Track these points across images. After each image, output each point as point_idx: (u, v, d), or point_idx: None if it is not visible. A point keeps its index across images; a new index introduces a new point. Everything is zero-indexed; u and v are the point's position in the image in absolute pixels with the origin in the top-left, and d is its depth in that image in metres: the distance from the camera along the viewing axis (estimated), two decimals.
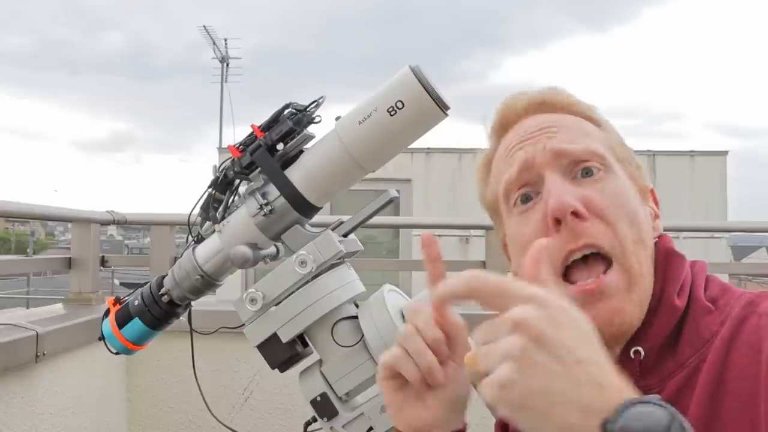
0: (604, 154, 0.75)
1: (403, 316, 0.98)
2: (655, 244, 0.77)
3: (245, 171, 1.02)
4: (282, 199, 1.00)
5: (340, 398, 1.01)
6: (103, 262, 2.64)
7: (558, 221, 0.70)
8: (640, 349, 0.71)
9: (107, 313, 1.12)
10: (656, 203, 0.81)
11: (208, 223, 1.07)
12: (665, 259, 0.75)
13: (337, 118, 0.99)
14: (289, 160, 1.02)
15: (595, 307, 0.69)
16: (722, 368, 0.66)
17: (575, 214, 0.69)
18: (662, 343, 0.71)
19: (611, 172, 0.74)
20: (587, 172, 0.73)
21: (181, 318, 1.13)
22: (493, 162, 0.83)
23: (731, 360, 0.66)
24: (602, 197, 0.72)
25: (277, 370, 1.04)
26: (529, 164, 0.75)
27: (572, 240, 0.70)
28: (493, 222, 0.86)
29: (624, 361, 0.72)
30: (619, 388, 0.51)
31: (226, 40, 12.80)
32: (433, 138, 0.96)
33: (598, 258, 0.71)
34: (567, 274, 0.73)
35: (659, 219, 0.80)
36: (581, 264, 0.72)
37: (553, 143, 0.75)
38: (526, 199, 0.76)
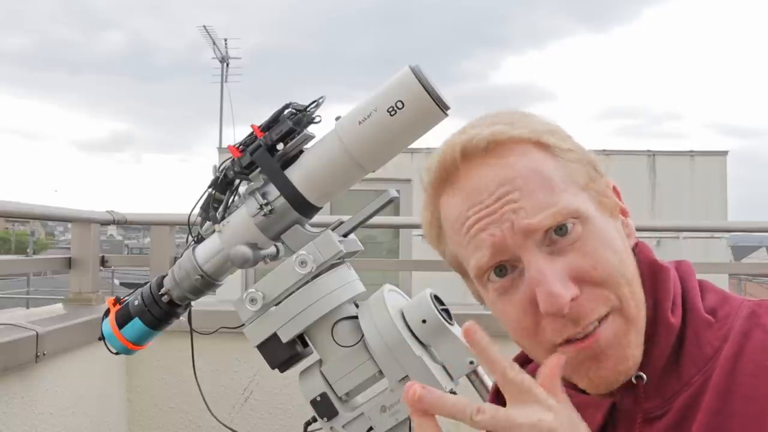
0: (577, 207, 0.68)
1: (403, 316, 0.99)
2: (635, 254, 0.73)
3: (245, 171, 1.02)
4: (282, 199, 1.00)
5: (340, 398, 1.01)
6: (103, 262, 2.64)
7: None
8: (642, 375, 0.69)
9: (107, 313, 1.12)
10: (619, 197, 0.75)
11: (208, 223, 1.07)
12: (651, 273, 0.72)
13: (337, 118, 0.99)
14: (289, 160, 1.02)
15: (597, 365, 0.67)
16: (728, 388, 0.65)
17: (571, 299, 0.65)
18: (663, 364, 0.69)
19: (586, 221, 0.68)
20: (562, 230, 0.67)
21: (181, 318, 1.13)
22: (443, 223, 0.76)
23: (737, 379, 0.65)
24: (586, 260, 0.67)
25: (277, 370, 1.04)
26: (500, 247, 0.68)
27: (572, 326, 0.66)
28: (460, 275, 0.80)
29: (626, 387, 0.70)
30: None
31: (226, 40, 12.81)
32: (433, 138, 0.96)
33: (598, 329, 0.68)
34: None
35: (629, 216, 0.76)
36: None
37: (521, 220, 0.67)
38: (500, 272, 0.70)
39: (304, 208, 1.01)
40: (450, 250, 0.76)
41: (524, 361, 0.85)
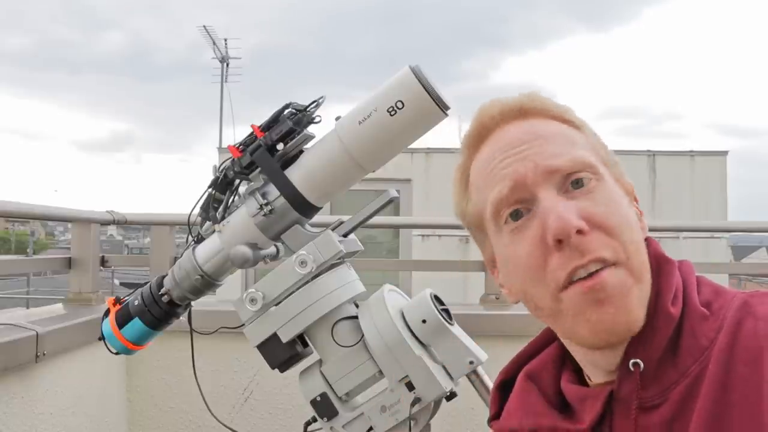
0: (594, 162, 0.74)
1: (403, 317, 0.99)
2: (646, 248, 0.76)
3: (245, 171, 1.02)
4: (282, 199, 1.00)
5: (340, 398, 1.01)
6: (103, 262, 2.64)
7: (560, 241, 0.69)
8: (639, 361, 0.70)
9: (107, 313, 1.12)
10: (636, 200, 0.80)
11: (208, 223, 1.07)
12: (657, 265, 0.74)
13: (337, 118, 0.99)
14: (289, 160, 1.02)
15: (600, 307, 0.68)
16: (725, 378, 0.65)
17: (579, 231, 0.68)
18: (660, 353, 0.70)
19: (602, 179, 0.73)
20: (579, 183, 0.72)
21: (181, 318, 1.13)
22: (472, 175, 0.80)
23: (733, 368, 0.66)
24: (598, 207, 0.71)
25: (277, 370, 1.04)
26: (521, 183, 0.72)
27: (578, 257, 0.68)
28: (475, 237, 0.83)
29: (623, 374, 0.71)
30: None
31: (226, 40, 12.81)
32: (433, 138, 0.96)
33: (603, 272, 0.69)
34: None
35: (643, 215, 0.79)
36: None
37: (543, 160, 0.72)
38: (516, 215, 0.73)
39: (304, 208, 1.01)
40: (473, 201, 0.80)
41: (525, 361, 0.85)
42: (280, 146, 1.00)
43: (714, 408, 0.65)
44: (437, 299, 1.01)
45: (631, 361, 0.70)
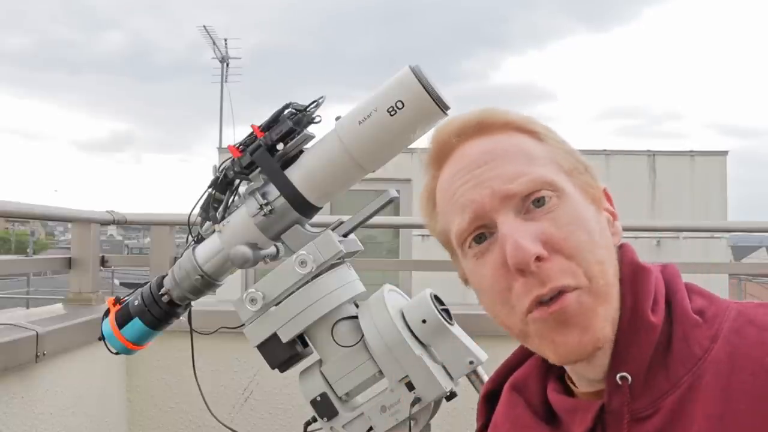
0: (553, 179, 0.72)
1: (403, 317, 0.99)
2: (619, 255, 0.75)
3: (245, 171, 1.02)
4: (282, 199, 1.00)
5: (340, 398, 1.01)
6: (103, 262, 2.64)
7: (521, 269, 0.68)
8: (627, 375, 0.69)
9: (107, 313, 1.12)
10: (610, 202, 0.79)
11: (208, 223, 1.07)
12: (632, 273, 0.73)
13: (337, 118, 0.99)
14: (289, 160, 1.02)
15: (565, 331, 0.68)
16: (727, 390, 0.64)
17: (538, 258, 0.68)
18: (647, 363, 0.69)
19: (563, 196, 0.72)
20: (539, 202, 0.71)
21: (181, 318, 1.13)
22: (437, 197, 0.80)
23: (737, 378, 0.64)
24: (559, 229, 0.69)
25: (277, 370, 1.04)
26: (479, 209, 0.72)
27: (538, 285, 0.68)
28: (448, 253, 0.83)
29: (611, 388, 0.70)
30: None
31: (226, 40, 12.81)
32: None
33: (566, 295, 0.69)
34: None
35: (617, 220, 0.78)
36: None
37: (500, 186, 0.71)
38: (480, 239, 0.73)
39: (304, 208, 1.01)
40: (440, 224, 0.80)
41: (510, 371, 0.84)
42: (280, 146, 1.00)
43: (719, 424, 0.63)
44: (437, 299, 1.01)
45: (619, 375, 0.69)
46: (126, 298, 1.13)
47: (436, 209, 0.80)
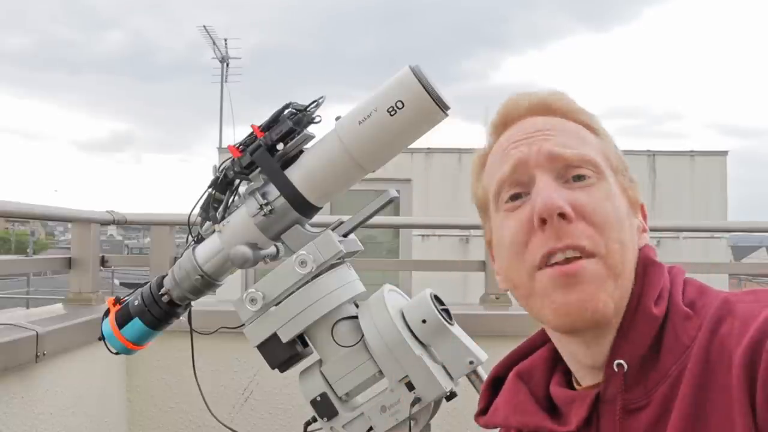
0: (599, 162, 0.75)
1: (403, 317, 0.99)
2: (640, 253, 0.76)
3: (245, 171, 1.02)
4: (282, 199, 1.00)
5: (340, 398, 1.01)
6: (103, 262, 2.64)
7: (544, 221, 0.70)
8: (623, 362, 0.70)
9: (107, 313, 1.12)
10: (645, 218, 0.81)
11: (208, 223, 1.07)
12: (643, 267, 0.74)
13: (337, 118, 0.99)
14: (289, 160, 1.02)
15: (568, 293, 0.69)
16: (703, 377, 0.65)
17: (561, 215, 0.69)
18: (644, 353, 0.70)
19: (603, 180, 0.74)
20: (579, 178, 0.73)
21: (181, 318, 1.13)
22: (488, 159, 0.83)
23: (711, 367, 0.65)
24: (590, 201, 0.72)
25: (277, 370, 1.04)
26: (523, 164, 0.75)
27: (555, 239, 0.69)
28: (481, 220, 0.86)
29: (609, 375, 0.71)
30: None
31: (226, 40, 12.80)
32: (433, 138, 0.96)
33: (581, 261, 0.70)
34: None
35: (647, 233, 0.79)
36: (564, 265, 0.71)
37: (548, 146, 0.75)
38: (515, 198, 0.76)
39: (304, 208, 1.01)
40: (483, 182, 0.82)
41: (518, 360, 0.85)
42: (280, 146, 1.00)
43: (692, 409, 0.64)
44: (437, 299, 1.01)
45: (616, 362, 0.70)
46: (126, 298, 1.13)
47: (483, 173, 0.83)
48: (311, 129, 1.03)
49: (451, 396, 0.97)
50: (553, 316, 0.71)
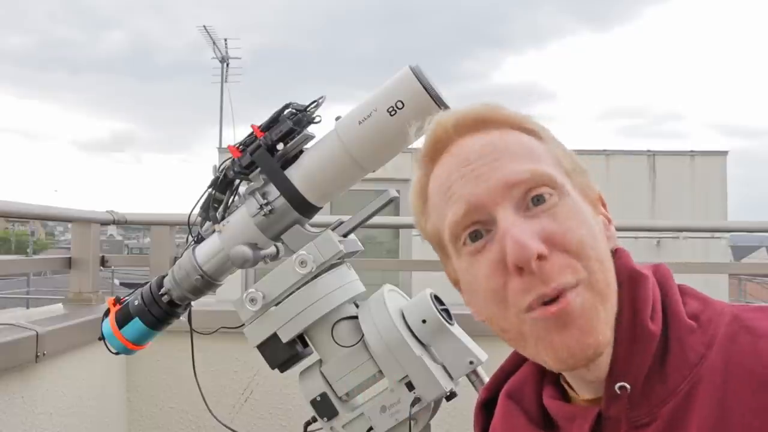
0: (554, 176, 0.70)
1: (403, 317, 0.99)
2: (615, 260, 0.73)
3: (245, 171, 1.02)
4: (282, 199, 1.00)
5: (340, 398, 1.01)
6: (103, 262, 2.64)
7: (521, 268, 0.66)
8: (626, 385, 0.68)
9: (107, 313, 1.12)
10: (605, 206, 0.77)
11: (208, 223, 1.07)
12: (629, 280, 0.71)
13: (337, 118, 0.99)
14: (289, 160, 1.02)
15: (564, 331, 0.66)
16: (722, 400, 0.63)
17: (539, 257, 0.65)
18: (646, 372, 0.68)
19: (563, 195, 0.70)
20: (539, 200, 0.68)
21: (181, 318, 1.13)
22: (430, 192, 0.76)
23: (730, 388, 0.63)
24: (559, 227, 0.67)
25: (277, 370, 1.04)
26: (476, 203, 0.69)
27: (540, 284, 0.66)
28: (438, 255, 0.80)
29: (610, 396, 0.69)
30: None
31: (226, 40, 12.81)
32: None
33: (567, 296, 0.66)
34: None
35: (612, 224, 0.76)
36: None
37: (498, 176, 0.69)
38: (475, 236, 0.70)
39: (304, 208, 1.01)
40: (431, 221, 0.77)
41: (505, 378, 0.83)
42: (280, 146, 1.00)
43: (711, 430, 0.63)
44: (437, 299, 1.01)
45: (618, 384, 0.68)
46: (126, 298, 1.13)
47: (426, 206, 0.77)
48: (311, 129, 1.03)
49: (451, 396, 0.97)
50: (553, 360, 0.68)
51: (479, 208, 0.69)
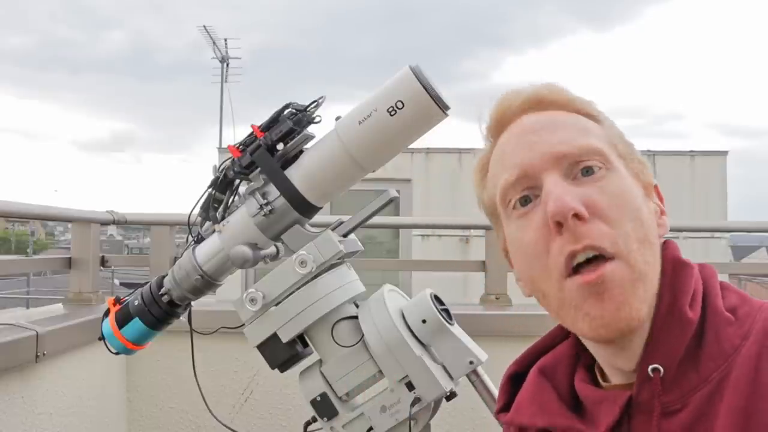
0: (605, 151, 0.73)
1: (403, 317, 0.99)
2: (662, 251, 0.74)
3: (245, 171, 1.02)
4: (282, 199, 1.00)
5: (340, 398, 1.01)
6: (103, 262, 2.63)
7: (560, 224, 0.68)
8: (659, 367, 0.68)
9: (107, 313, 1.12)
10: (661, 199, 0.79)
11: (208, 223, 1.07)
12: (673, 268, 0.73)
13: (337, 118, 0.99)
14: (289, 160, 1.02)
15: (600, 302, 0.67)
16: (751, 386, 0.64)
17: (576, 215, 0.67)
18: (680, 358, 0.69)
19: (613, 169, 0.72)
20: (588, 171, 0.71)
21: (181, 318, 1.13)
22: (490, 164, 0.81)
23: (761, 379, 0.64)
24: (603, 196, 0.69)
25: (277, 370, 1.04)
26: (528, 168, 0.73)
27: (573, 241, 0.68)
28: (492, 225, 0.84)
29: (642, 379, 0.70)
30: None
31: (226, 40, 12.82)
32: (433, 138, 0.96)
33: (603, 261, 0.68)
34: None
35: (665, 216, 0.78)
36: (587, 266, 0.69)
37: (551, 146, 0.72)
38: (525, 201, 0.74)
39: (304, 208, 1.01)
40: (488, 190, 0.80)
41: (539, 355, 0.84)
42: (280, 146, 1.00)
43: (740, 418, 0.63)
44: (437, 299, 1.01)
45: (651, 366, 0.69)
46: (126, 298, 1.13)
47: (486, 179, 0.81)
48: (311, 129, 1.03)
49: (451, 396, 0.97)
50: (589, 329, 0.69)
51: (530, 174, 0.73)
